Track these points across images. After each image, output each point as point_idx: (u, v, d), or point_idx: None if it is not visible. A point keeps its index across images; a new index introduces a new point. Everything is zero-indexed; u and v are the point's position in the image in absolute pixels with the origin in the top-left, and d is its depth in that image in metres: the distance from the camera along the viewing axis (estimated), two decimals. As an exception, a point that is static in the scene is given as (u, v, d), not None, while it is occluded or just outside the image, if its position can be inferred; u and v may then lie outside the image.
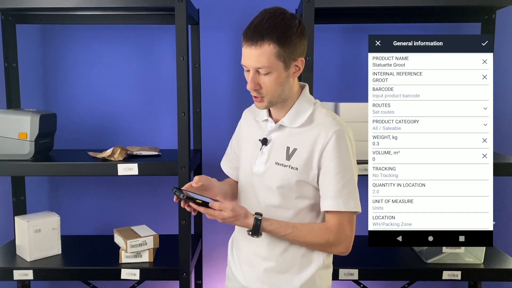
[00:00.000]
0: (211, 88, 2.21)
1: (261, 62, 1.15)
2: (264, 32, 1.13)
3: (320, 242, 1.21)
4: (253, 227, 1.19)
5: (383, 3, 1.71)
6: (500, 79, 2.13)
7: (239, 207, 1.19)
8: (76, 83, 2.23)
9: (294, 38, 1.16)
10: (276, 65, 1.16)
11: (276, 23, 1.14)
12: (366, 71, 1.29)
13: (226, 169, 1.48)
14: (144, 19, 2.09)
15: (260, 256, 1.28)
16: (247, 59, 1.17)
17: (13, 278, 1.77)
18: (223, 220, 1.18)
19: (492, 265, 1.80)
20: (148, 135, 2.26)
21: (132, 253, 1.80)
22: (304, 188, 1.23)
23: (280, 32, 1.13)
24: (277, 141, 1.26)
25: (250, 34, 1.15)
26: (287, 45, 1.15)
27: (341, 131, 1.19)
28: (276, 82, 1.17)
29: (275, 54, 1.14)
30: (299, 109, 1.25)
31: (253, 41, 1.14)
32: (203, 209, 1.17)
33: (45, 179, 2.30)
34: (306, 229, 1.22)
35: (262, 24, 1.14)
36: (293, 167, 1.22)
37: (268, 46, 1.13)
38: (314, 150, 1.20)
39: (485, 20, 1.97)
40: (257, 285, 1.29)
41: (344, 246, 1.22)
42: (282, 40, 1.14)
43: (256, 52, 1.14)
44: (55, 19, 2.07)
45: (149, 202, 2.29)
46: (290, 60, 1.17)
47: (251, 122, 1.37)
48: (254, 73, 1.17)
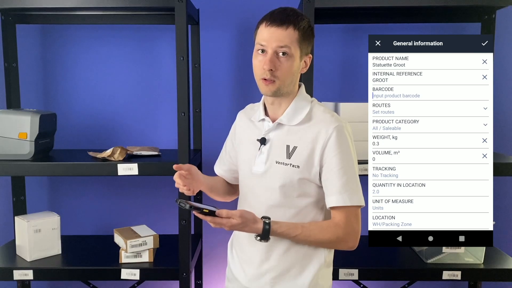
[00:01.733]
0: (211, 88, 2.21)
1: (285, 42, 1.17)
2: (291, 18, 1.18)
3: (330, 239, 1.21)
4: (262, 231, 1.17)
5: (383, 3, 1.71)
6: (500, 79, 2.13)
7: (247, 213, 1.17)
8: (76, 83, 2.23)
9: (311, 34, 1.23)
10: (295, 51, 1.20)
11: (299, 16, 1.20)
12: (366, 71, 1.29)
13: (219, 171, 1.48)
14: (144, 19, 2.09)
15: (262, 257, 1.28)
16: (270, 38, 1.18)
17: (13, 278, 1.77)
18: (231, 227, 1.15)
19: (492, 265, 1.80)
20: (148, 135, 2.26)
21: (132, 253, 1.80)
22: (306, 186, 1.23)
23: (303, 24, 1.20)
24: (276, 140, 1.26)
25: (276, 15, 1.19)
26: (306, 37, 1.21)
27: (341, 127, 1.21)
28: (291, 68, 1.20)
29: (297, 39, 1.19)
30: (297, 107, 1.26)
31: (280, 22, 1.17)
32: (210, 219, 1.13)
33: (45, 179, 2.30)
34: (316, 228, 1.22)
35: (287, 12, 1.19)
36: (294, 165, 1.22)
37: (293, 30, 1.18)
38: (315, 147, 1.21)
39: (485, 20, 1.97)
40: (259, 286, 1.29)
41: (354, 240, 1.23)
42: (305, 30, 1.20)
43: (281, 33, 1.17)
44: (55, 19, 2.07)
45: (149, 202, 2.29)
46: (303, 54, 1.22)
47: (246, 123, 1.37)
48: (272, 53, 1.18)
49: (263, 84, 1.21)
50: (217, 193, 1.43)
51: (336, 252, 1.33)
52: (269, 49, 1.18)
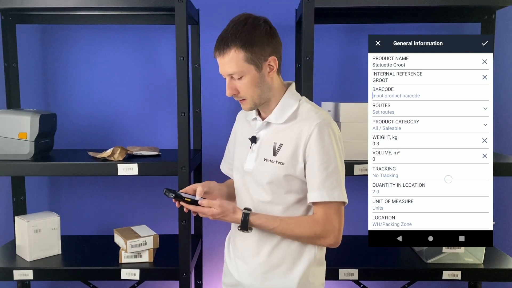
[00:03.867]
0: (211, 88, 2.21)
1: (232, 68, 1.21)
2: (228, 40, 1.20)
3: (307, 234, 1.23)
4: (241, 221, 1.24)
5: (383, 3, 1.71)
6: (500, 79, 2.13)
7: (227, 203, 1.24)
8: (76, 83, 2.23)
9: (260, 39, 1.21)
10: (246, 69, 1.21)
11: (238, 30, 1.20)
12: (366, 71, 1.29)
13: (225, 170, 1.52)
14: (144, 19, 2.09)
15: (252, 251, 1.31)
16: (220, 68, 1.24)
17: (13, 278, 1.77)
18: (213, 216, 1.23)
19: (492, 265, 1.80)
20: (148, 135, 2.26)
21: (132, 253, 1.80)
22: (292, 183, 1.25)
23: (243, 37, 1.19)
24: (265, 138, 1.30)
25: (218, 44, 1.22)
26: (253, 48, 1.20)
27: (323, 124, 1.21)
28: (251, 84, 1.23)
29: (243, 58, 1.20)
30: (284, 106, 1.28)
31: (220, 51, 1.21)
32: (192, 207, 1.24)
33: (45, 179, 2.30)
34: (293, 222, 1.24)
35: (227, 33, 1.21)
36: (280, 162, 1.24)
37: (234, 52, 1.19)
38: (299, 144, 1.22)
39: (485, 20, 1.97)
40: (250, 281, 1.31)
41: (333, 237, 1.23)
42: (247, 44, 1.19)
43: (225, 60, 1.21)
44: (55, 19, 2.07)
45: (149, 202, 2.29)
46: (261, 61, 1.22)
47: (243, 123, 1.41)
48: (229, 79, 1.24)
49: (240, 103, 1.29)
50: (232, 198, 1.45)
51: (336, 252, 1.33)
52: (225, 77, 1.25)
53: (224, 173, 1.52)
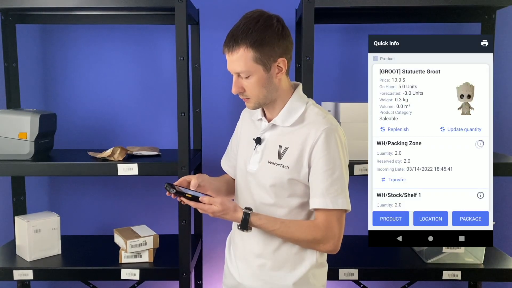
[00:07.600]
0: (211, 88, 2.21)
1: (240, 67, 1.19)
2: (239, 38, 1.17)
3: (307, 238, 1.22)
4: (241, 221, 1.22)
5: (383, 3, 1.71)
6: (500, 79, 2.13)
7: (228, 201, 1.22)
8: (76, 83, 2.23)
9: (271, 40, 1.18)
10: (254, 69, 1.19)
11: (250, 28, 1.17)
12: (366, 71, 1.29)
13: (225, 167, 1.50)
14: (144, 19, 2.09)
15: (254, 253, 1.30)
16: (228, 65, 1.22)
17: (13, 278, 1.77)
18: (213, 214, 1.21)
19: (492, 265, 1.80)
20: (148, 135, 2.26)
21: (132, 253, 1.80)
22: (295, 187, 1.24)
23: (254, 36, 1.16)
24: (270, 140, 1.28)
25: (227, 40, 1.19)
26: (262, 48, 1.17)
27: (330, 130, 1.20)
28: (257, 84, 1.21)
29: (252, 58, 1.17)
30: (291, 108, 1.26)
31: (229, 48, 1.19)
32: (193, 203, 1.21)
33: (45, 179, 2.30)
34: (294, 225, 1.23)
35: (238, 30, 1.18)
36: (284, 166, 1.23)
37: (243, 51, 1.17)
38: (304, 149, 1.21)
39: (485, 20, 1.97)
40: (251, 282, 1.31)
41: (332, 244, 1.22)
42: (257, 44, 1.16)
43: (233, 58, 1.19)
44: (55, 19, 2.07)
45: (149, 202, 2.29)
46: (270, 62, 1.20)
47: (248, 122, 1.40)
48: (236, 77, 1.23)
49: (244, 101, 1.27)
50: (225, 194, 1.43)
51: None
52: (233, 74, 1.23)
53: (224, 169, 1.50)
